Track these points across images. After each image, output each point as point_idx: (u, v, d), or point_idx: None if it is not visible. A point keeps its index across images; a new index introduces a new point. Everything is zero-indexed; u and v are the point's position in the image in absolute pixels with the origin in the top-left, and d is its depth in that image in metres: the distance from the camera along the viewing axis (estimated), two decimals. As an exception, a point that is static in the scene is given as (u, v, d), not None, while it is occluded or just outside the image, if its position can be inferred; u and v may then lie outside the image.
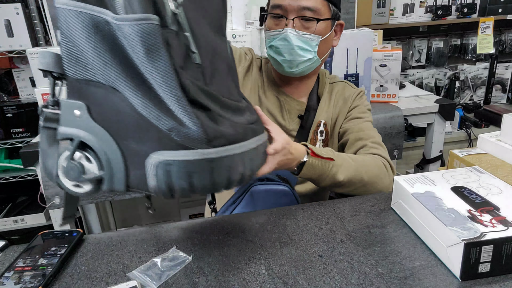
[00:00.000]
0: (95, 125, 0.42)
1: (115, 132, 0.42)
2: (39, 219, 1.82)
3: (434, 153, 1.52)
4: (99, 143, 0.42)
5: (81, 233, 0.63)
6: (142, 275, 0.53)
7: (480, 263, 0.48)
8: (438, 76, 2.58)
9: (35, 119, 1.75)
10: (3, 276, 0.52)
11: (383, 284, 0.49)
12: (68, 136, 0.44)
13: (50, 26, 1.57)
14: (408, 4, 2.28)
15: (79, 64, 0.42)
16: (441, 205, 0.56)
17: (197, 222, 0.67)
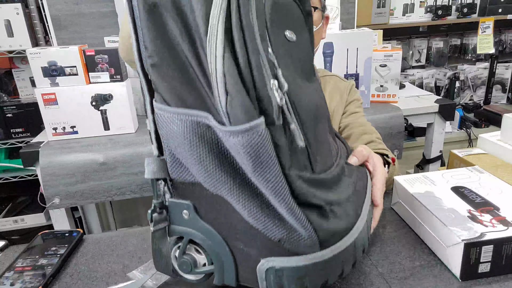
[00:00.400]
0: (204, 224, 0.42)
1: (223, 232, 0.41)
2: (39, 219, 1.82)
3: (434, 153, 1.52)
4: (209, 242, 0.42)
5: (81, 233, 0.63)
6: (142, 275, 0.53)
7: (480, 263, 0.48)
8: (438, 76, 2.58)
9: (35, 119, 1.75)
10: (3, 276, 0.52)
11: (383, 284, 0.49)
12: (178, 234, 0.44)
13: (50, 26, 1.57)
14: (408, 4, 2.28)
15: (182, 168, 0.41)
16: (441, 205, 0.56)
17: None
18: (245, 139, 0.33)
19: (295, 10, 0.43)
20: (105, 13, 1.60)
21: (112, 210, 1.82)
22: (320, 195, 0.38)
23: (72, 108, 1.21)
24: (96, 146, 1.20)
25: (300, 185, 0.36)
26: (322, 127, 0.44)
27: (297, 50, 0.43)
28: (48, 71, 1.17)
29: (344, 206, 0.41)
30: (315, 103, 0.43)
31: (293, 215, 0.36)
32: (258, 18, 0.35)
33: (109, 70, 1.20)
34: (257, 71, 0.34)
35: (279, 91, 0.35)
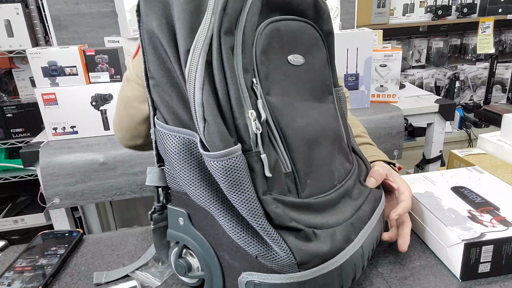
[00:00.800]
0: (196, 233, 0.44)
1: (212, 242, 0.43)
2: (39, 219, 1.82)
3: (434, 153, 1.52)
4: (200, 250, 0.45)
5: (81, 233, 0.63)
6: (144, 273, 0.53)
7: (480, 263, 0.48)
8: (438, 76, 2.58)
9: (35, 119, 1.75)
10: (3, 276, 0.52)
11: (383, 284, 0.49)
12: (175, 239, 0.47)
13: (50, 26, 1.57)
14: (408, 4, 2.28)
15: (176, 181, 0.44)
16: (441, 205, 0.56)
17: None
18: (221, 165, 0.36)
19: (306, 34, 0.46)
20: (105, 13, 1.60)
21: (112, 210, 1.82)
22: (301, 218, 0.40)
23: (72, 108, 1.21)
24: (96, 146, 1.20)
25: (275, 209, 0.38)
26: (321, 151, 0.45)
27: (305, 72, 0.46)
28: (48, 71, 1.17)
29: (331, 230, 0.42)
30: (318, 125, 0.45)
31: (268, 235, 0.38)
32: (244, 51, 0.38)
33: (109, 70, 1.20)
34: (235, 102, 0.37)
35: (256, 120, 0.38)
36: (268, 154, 0.39)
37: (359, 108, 1.40)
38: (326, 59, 0.50)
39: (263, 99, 0.40)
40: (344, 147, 0.51)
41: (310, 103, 0.46)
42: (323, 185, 0.45)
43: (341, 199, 0.46)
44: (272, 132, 0.41)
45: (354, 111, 1.36)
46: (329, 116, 0.49)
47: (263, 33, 0.41)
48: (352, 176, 0.50)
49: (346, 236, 0.42)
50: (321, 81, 0.49)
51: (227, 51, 0.37)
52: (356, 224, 0.45)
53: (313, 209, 0.42)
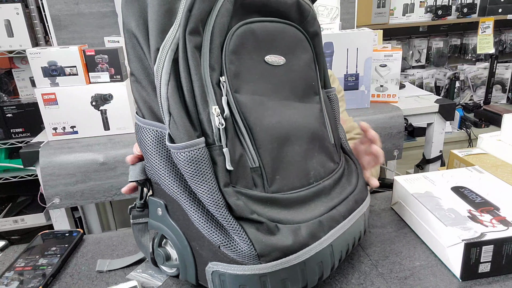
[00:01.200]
0: (171, 223, 0.46)
1: (185, 231, 0.45)
2: (39, 219, 1.82)
3: (434, 153, 1.52)
4: (175, 239, 0.46)
5: (81, 233, 0.63)
6: (144, 274, 0.53)
7: (480, 263, 0.48)
8: (438, 76, 2.58)
9: (35, 119, 1.75)
10: (3, 276, 0.52)
11: (383, 284, 0.49)
12: (154, 228, 0.49)
13: (50, 26, 1.57)
14: (408, 4, 2.28)
15: (151, 172, 0.46)
16: (441, 205, 0.56)
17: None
18: (184, 156, 0.39)
19: (287, 35, 0.48)
20: (105, 13, 1.60)
21: (112, 210, 1.82)
22: (265, 212, 0.42)
23: (72, 108, 1.21)
24: (96, 146, 1.20)
25: (236, 201, 0.40)
26: (293, 149, 0.46)
27: (286, 72, 0.48)
28: (48, 71, 1.17)
29: (296, 226, 0.42)
30: (291, 124, 0.46)
31: (229, 226, 0.40)
32: (211, 51, 0.41)
33: (109, 70, 1.20)
34: (199, 98, 0.40)
35: (219, 116, 0.40)
36: (233, 149, 0.41)
37: (359, 108, 1.40)
38: (312, 60, 0.51)
39: (230, 96, 0.42)
40: (327, 147, 0.51)
41: (287, 102, 0.47)
42: (293, 182, 0.46)
43: (314, 198, 0.47)
44: (240, 128, 0.43)
45: (354, 111, 1.36)
46: (309, 116, 0.49)
47: (234, 34, 0.43)
48: (334, 176, 0.51)
49: (312, 233, 0.43)
50: (304, 82, 0.50)
51: (192, 50, 0.39)
52: (326, 222, 0.45)
53: (279, 204, 0.44)
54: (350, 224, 0.48)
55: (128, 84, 1.25)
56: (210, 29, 0.41)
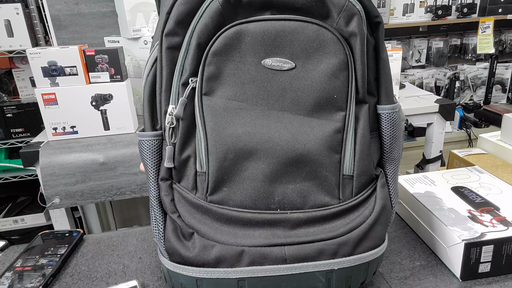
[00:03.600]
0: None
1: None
2: (39, 219, 1.82)
3: (434, 153, 1.52)
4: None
5: (81, 233, 0.63)
6: None
7: (480, 263, 0.48)
8: (438, 76, 2.58)
9: (35, 119, 1.75)
10: (3, 276, 0.52)
11: (383, 284, 0.49)
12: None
13: (50, 26, 1.57)
14: (408, 4, 2.28)
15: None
16: (441, 205, 0.56)
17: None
18: (140, 143, 0.44)
19: (302, 35, 0.41)
20: (105, 13, 1.60)
21: (112, 210, 1.82)
22: (190, 217, 0.43)
23: (72, 108, 1.21)
24: (96, 146, 1.20)
25: (164, 196, 0.43)
26: (257, 166, 0.42)
27: (292, 79, 0.41)
28: (48, 71, 1.17)
29: (211, 243, 0.41)
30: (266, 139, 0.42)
31: (153, 214, 0.45)
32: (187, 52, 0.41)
33: (109, 70, 1.20)
34: (164, 95, 0.43)
35: (172, 115, 0.42)
36: (181, 149, 0.43)
37: (359, 108, 1.40)
38: (341, 68, 0.41)
39: (198, 98, 0.42)
40: (324, 176, 0.43)
41: (280, 114, 0.42)
42: (244, 200, 0.42)
43: (265, 225, 0.42)
44: (198, 130, 0.42)
45: (354, 111, 1.36)
46: (310, 134, 0.42)
47: (222, 35, 0.40)
48: (320, 212, 0.42)
49: (222, 258, 0.41)
50: (320, 93, 0.41)
51: (165, 51, 0.41)
52: (250, 256, 0.41)
53: (213, 215, 0.42)
54: (290, 272, 0.41)
55: (128, 84, 1.25)
56: (190, 30, 0.40)
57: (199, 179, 0.43)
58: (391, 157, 0.48)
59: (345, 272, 0.42)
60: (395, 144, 0.48)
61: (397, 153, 0.48)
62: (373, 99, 0.45)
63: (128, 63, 1.38)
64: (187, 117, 0.42)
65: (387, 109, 0.45)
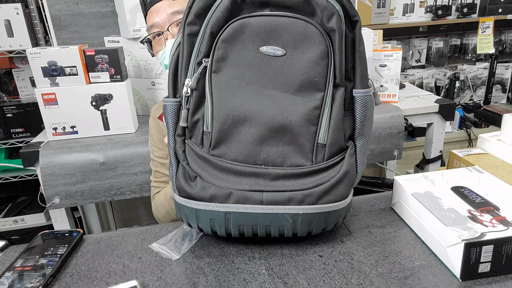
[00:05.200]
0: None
1: None
2: (39, 219, 1.82)
3: (434, 153, 1.52)
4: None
5: (81, 233, 0.63)
6: (163, 247, 0.59)
7: (480, 263, 0.48)
8: (438, 76, 2.58)
9: (35, 119, 1.75)
10: (3, 276, 0.52)
11: (383, 284, 0.49)
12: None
13: (50, 26, 1.57)
14: (408, 4, 2.28)
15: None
16: (441, 205, 0.56)
17: (197, 222, 0.67)
18: (164, 106, 0.56)
19: (291, 29, 0.51)
20: (105, 13, 1.60)
21: (112, 210, 1.82)
22: (196, 164, 0.55)
23: (72, 108, 1.21)
24: (96, 146, 1.20)
25: (178, 148, 0.56)
26: (248, 130, 0.52)
27: (283, 64, 0.52)
28: (48, 71, 1.17)
29: (207, 184, 0.53)
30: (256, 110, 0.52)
31: (170, 160, 0.58)
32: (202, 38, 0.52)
33: (109, 70, 1.20)
34: (183, 70, 0.54)
35: (187, 87, 0.53)
36: (193, 113, 0.54)
37: (359, 108, 1.40)
38: (322, 56, 0.51)
39: (208, 74, 0.53)
40: (301, 143, 0.53)
41: (271, 92, 0.52)
42: (237, 155, 0.53)
43: (251, 176, 0.53)
44: (207, 99, 0.53)
45: (354, 111, 1.36)
46: (292, 109, 0.52)
47: (229, 26, 0.51)
48: (296, 170, 0.53)
49: (215, 196, 0.52)
50: (304, 76, 0.51)
51: (186, 36, 0.52)
52: (236, 197, 0.52)
53: (213, 165, 0.54)
54: (265, 211, 0.52)
55: (128, 84, 1.25)
56: (206, 21, 0.51)
57: (205, 137, 0.54)
58: (362, 133, 0.56)
59: (308, 217, 0.53)
60: (365, 122, 0.55)
61: (368, 130, 0.56)
62: (350, 84, 0.54)
63: (128, 63, 1.38)
64: (199, 89, 0.53)
65: (361, 93, 0.54)
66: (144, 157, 1.20)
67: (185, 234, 0.62)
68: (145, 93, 1.41)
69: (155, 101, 1.41)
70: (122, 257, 0.58)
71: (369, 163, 1.92)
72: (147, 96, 1.41)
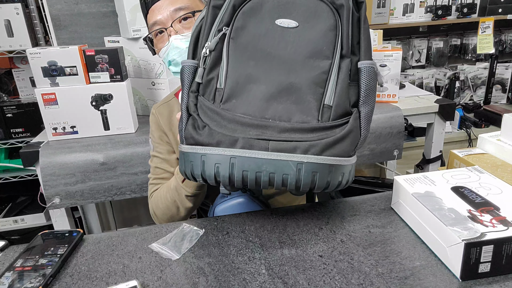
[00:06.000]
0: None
1: None
2: (39, 219, 1.82)
3: (434, 153, 1.52)
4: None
5: (81, 233, 0.63)
6: (164, 247, 0.59)
7: (480, 263, 0.48)
8: (438, 76, 2.58)
9: (35, 119, 1.75)
10: (3, 276, 0.52)
11: (383, 284, 0.49)
12: None
13: (50, 26, 1.57)
14: (408, 4, 2.28)
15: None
16: (441, 205, 0.56)
17: (197, 222, 0.67)
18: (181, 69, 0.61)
19: (303, 5, 0.57)
20: (105, 13, 1.60)
21: (112, 210, 1.82)
22: (206, 115, 0.58)
23: (72, 108, 1.21)
24: (96, 146, 1.20)
25: (190, 102, 0.60)
26: (258, 87, 0.56)
27: (295, 34, 0.57)
28: (48, 71, 1.17)
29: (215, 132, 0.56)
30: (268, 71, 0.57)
31: (182, 115, 0.61)
32: (225, 10, 0.59)
33: (109, 70, 1.20)
34: (205, 35, 0.60)
35: (206, 49, 0.59)
36: (209, 71, 0.60)
37: (359, 108, 1.40)
38: (331, 28, 0.57)
39: (227, 40, 0.59)
40: (307, 101, 0.56)
41: (283, 57, 0.57)
42: (247, 109, 0.56)
43: (258, 128, 0.55)
44: (223, 61, 0.59)
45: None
46: (301, 73, 0.56)
47: (249, 1, 0.58)
48: (301, 125, 0.55)
49: (221, 141, 0.55)
50: (313, 45, 0.57)
51: (211, 8, 0.60)
52: (241, 143, 0.54)
53: (222, 116, 0.56)
54: (270, 157, 0.53)
55: (128, 84, 1.25)
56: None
57: (217, 93, 0.58)
58: (366, 101, 0.59)
59: (312, 167, 0.54)
60: (369, 91, 0.59)
61: (371, 100, 0.59)
62: (355, 58, 0.59)
63: (128, 63, 1.38)
64: (217, 51, 0.59)
65: (366, 64, 0.58)
66: (144, 157, 1.20)
67: (185, 234, 0.62)
68: (145, 93, 1.41)
69: (155, 101, 1.40)
70: (122, 257, 0.58)
71: (369, 163, 1.92)
72: (147, 96, 1.41)
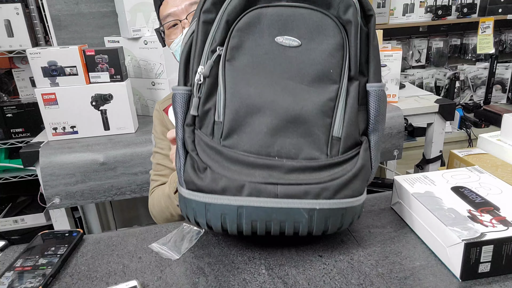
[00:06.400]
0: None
1: None
2: (39, 219, 1.82)
3: (434, 153, 1.52)
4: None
5: (81, 233, 0.63)
6: (163, 247, 0.59)
7: (480, 263, 0.48)
8: (438, 76, 2.58)
9: (35, 119, 1.75)
10: (3, 276, 0.52)
11: (383, 284, 0.49)
12: None
13: (50, 26, 1.57)
14: (408, 4, 2.28)
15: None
16: (441, 205, 0.56)
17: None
18: (174, 94, 0.54)
19: (307, 19, 0.51)
20: (105, 13, 1.60)
21: (112, 210, 1.82)
22: (206, 155, 0.52)
23: (72, 108, 1.22)
24: (96, 146, 1.20)
25: (187, 138, 0.53)
26: (262, 120, 0.50)
27: (298, 54, 0.51)
28: (48, 71, 1.17)
29: (218, 176, 0.50)
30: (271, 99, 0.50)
31: (178, 151, 0.54)
32: (218, 26, 0.51)
33: (109, 70, 1.20)
34: (196, 57, 0.52)
35: (200, 74, 0.51)
36: (204, 101, 0.52)
37: (359, 108, 1.40)
38: (337, 48, 0.51)
39: (222, 62, 0.51)
40: (316, 135, 0.51)
41: (286, 82, 0.51)
42: (250, 146, 0.50)
43: (264, 168, 0.50)
44: (219, 88, 0.52)
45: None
46: (308, 100, 0.51)
47: (245, 15, 0.51)
48: (310, 163, 0.50)
49: (226, 188, 0.49)
50: (319, 67, 0.51)
51: (201, 24, 0.52)
52: (249, 189, 0.49)
53: (224, 156, 0.51)
54: (279, 205, 0.49)
55: (128, 84, 1.25)
56: (223, 10, 0.51)
57: (216, 127, 0.52)
58: (376, 128, 0.55)
59: (325, 213, 0.50)
60: (379, 117, 0.55)
61: (381, 126, 0.55)
62: (363, 79, 0.54)
63: (128, 63, 1.38)
64: (212, 77, 0.52)
65: (375, 87, 0.53)
66: (144, 157, 1.20)
67: (185, 234, 0.62)
68: (145, 93, 1.41)
69: (155, 101, 1.41)
70: (122, 257, 0.58)
71: (369, 163, 1.91)
72: (147, 96, 1.41)
